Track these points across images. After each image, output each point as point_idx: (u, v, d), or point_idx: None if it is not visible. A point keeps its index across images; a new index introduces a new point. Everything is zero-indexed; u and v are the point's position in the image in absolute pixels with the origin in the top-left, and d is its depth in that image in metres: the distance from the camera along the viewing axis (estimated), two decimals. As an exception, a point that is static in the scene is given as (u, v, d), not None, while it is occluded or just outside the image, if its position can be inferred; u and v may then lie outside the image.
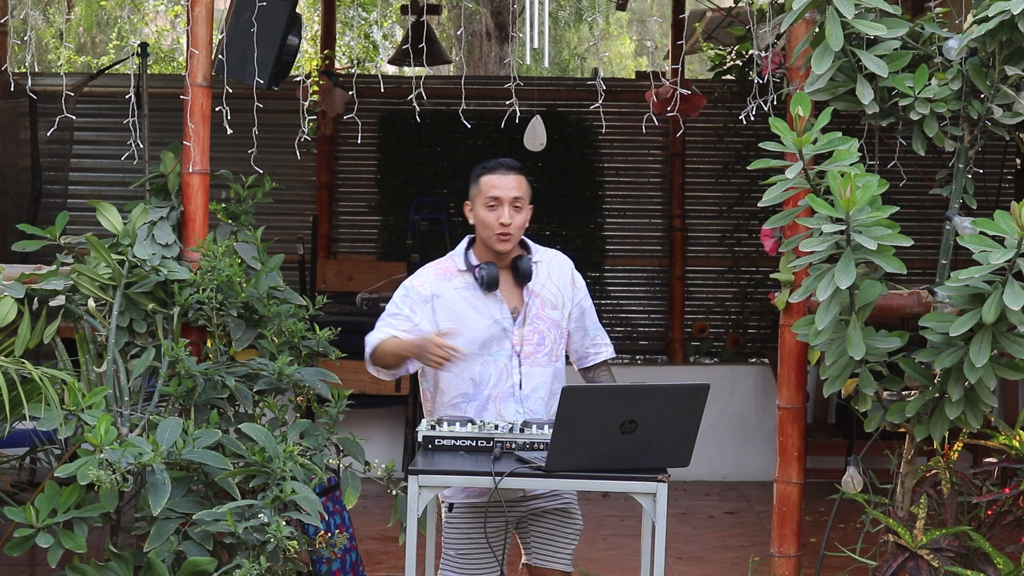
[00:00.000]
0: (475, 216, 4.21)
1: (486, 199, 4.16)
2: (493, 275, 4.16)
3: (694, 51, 10.35)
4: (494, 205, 4.15)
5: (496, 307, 4.18)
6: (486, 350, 4.15)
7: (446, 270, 4.23)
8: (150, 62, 7.35)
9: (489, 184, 4.16)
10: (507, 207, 4.14)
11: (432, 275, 4.23)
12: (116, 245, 4.57)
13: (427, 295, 4.18)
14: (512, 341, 4.17)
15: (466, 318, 4.16)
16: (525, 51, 5.01)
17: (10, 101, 7.44)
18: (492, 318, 4.17)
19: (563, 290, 4.28)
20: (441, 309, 4.17)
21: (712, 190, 9.87)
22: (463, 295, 4.18)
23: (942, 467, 4.52)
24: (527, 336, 4.19)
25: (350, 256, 9.80)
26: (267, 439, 4.15)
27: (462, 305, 4.17)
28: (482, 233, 4.19)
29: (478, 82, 11.00)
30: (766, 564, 4.90)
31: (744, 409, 8.77)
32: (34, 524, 4.06)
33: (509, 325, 4.17)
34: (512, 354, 4.17)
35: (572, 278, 4.33)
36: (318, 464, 4.34)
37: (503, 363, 4.16)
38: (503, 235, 4.14)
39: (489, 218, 4.15)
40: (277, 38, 5.13)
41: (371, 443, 5.67)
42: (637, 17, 19.76)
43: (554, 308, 4.25)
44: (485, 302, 4.18)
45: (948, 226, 4.44)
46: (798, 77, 4.59)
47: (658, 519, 3.74)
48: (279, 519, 4.03)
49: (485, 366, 4.15)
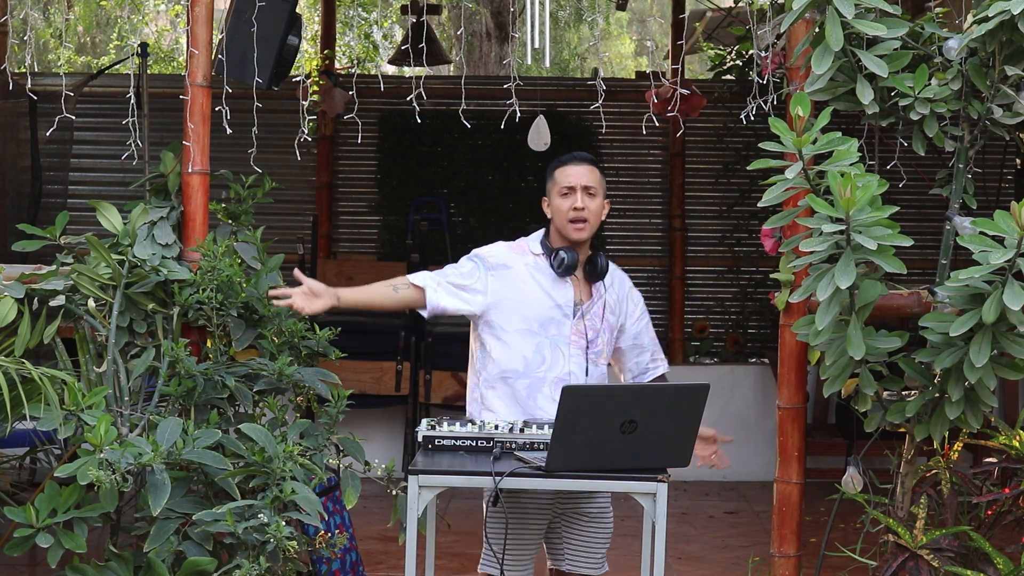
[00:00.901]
0: (551, 207, 4.31)
1: (560, 189, 4.27)
2: (574, 259, 4.25)
3: (694, 51, 10.35)
4: (567, 193, 4.26)
5: (563, 292, 4.25)
6: (544, 331, 4.21)
7: (520, 247, 4.33)
8: (150, 62, 7.35)
9: (563, 175, 4.29)
10: (580, 193, 4.24)
11: (505, 248, 4.33)
12: (116, 245, 4.57)
13: (494, 263, 4.26)
14: (572, 330, 4.23)
15: (530, 294, 4.23)
16: (525, 51, 5.01)
17: (10, 101, 7.44)
18: (555, 302, 4.24)
19: (620, 301, 4.38)
20: (509, 279, 4.24)
21: (712, 190, 9.87)
22: (533, 273, 4.26)
23: (942, 467, 4.52)
24: (584, 330, 4.25)
25: (350, 256, 9.80)
26: (267, 439, 4.14)
27: (529, 281, 4.25)
28: (558, 222, 4.28)
29: (478, 82, 11.00)
30: (766, 564, 4.90)
31: (744, 409, 8.77)
32: (34, 524, 4.05)
33: (570, 312, 4.24)
34: (569, 342, 4.23)
35: (629, 293, 4.43)
36: (318, 464, 4.34)
37: (561, 349, 4.22)
38: (577, 220, 4.23)
39: (563, 205, 4.25)
40: (277, 38, 5.13)
41: (371, 443, 5.66)
42: (637, 17, 19.76)
43: (612, 313, 4.34)
44: (553, 285, 4.26)
45: (948, 226, 4.44)
46: (798, 77, 4.58)
47: (658, 519, 3.75)
48: (279, 519, 4.02)
49: (540, 347, 4.21)
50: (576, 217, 4.23)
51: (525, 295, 4.22)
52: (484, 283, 4.24)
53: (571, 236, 4.25)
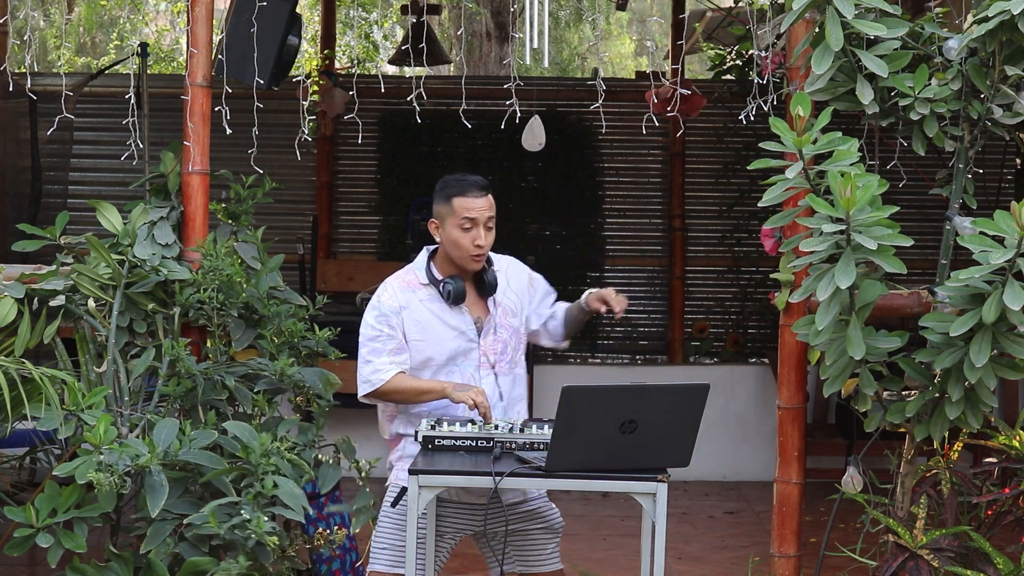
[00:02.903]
0: (445, 236, 4.15)
1: (460, 220, 4.11)
2: (460, 290, 4.14)
3: (694, 51, 10.35)
4: (469, 227, 4.11)
5: (461, 319, 4.17)
6: (452, 363, 4.16)
7: (408, 283, 4.20)
8: (150, 62, 7.35)
9: (463, 206, 4.11)
10: (482, 228, 4.11)
11: (396, 287, 4.19)
12: (116, 245, 4.57)
13: (396, 307, 4.14)
14: (480, 351, 4.18)
15: (433, 330, 4.15)
16: (525, 51, 5.01)
17: (10, 101, 7.44)
18: (458, 330, 4.17)
19: (520, 296, 4.30)
20: (409, 320, 4.14)
21: (712, 190, 9.86)
22: (429, 307, 4.17)
23: (942, 467, 4.52)
24: (492, 346, 4.20)
25: (350, 256, 9.79)
26: (250, 435, 4.13)
27: (429, 317, 4.15)
28: (453, 253, 4.15)
29: (478, 82, 11.00)
30: (766, 564, 4.90)
31: (744, 409, 8.77)
32: (34, 524, 4.06)
33: (474, 337, 4.18)
34: (479, 364, 4.18)
35: (529, 278, 4.35)
36: (307, 460, 4.33)
37: (469, 373, 4.17)
38: (478, 256, 4.13)
39: (464, 240, 4.11)
40: (277, 38, 5.13)
41: (370, 443, 5.66)
42: (637, 17, 19.75)
43: (514, 316, 4.26)
44: (451, 314, 4.16)
45: (948, 226, 4.44)
46: (798, 77, 4.59)
47: (658, 519, 3.74)
48: (260, 514, 4.00)
49: (450, 376, 4.15)
50: (479, 254, 4.13)
51: (427, 332, 4.14)
52: (400, 332, 4.13)
53: (470, 268, 4.16)
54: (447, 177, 4.21)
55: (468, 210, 4.10)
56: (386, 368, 4.10)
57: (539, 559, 4.24)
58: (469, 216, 4.10)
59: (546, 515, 4.25)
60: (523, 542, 4.23)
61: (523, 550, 4.23)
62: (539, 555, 4.24)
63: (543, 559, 4.25)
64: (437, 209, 4.17)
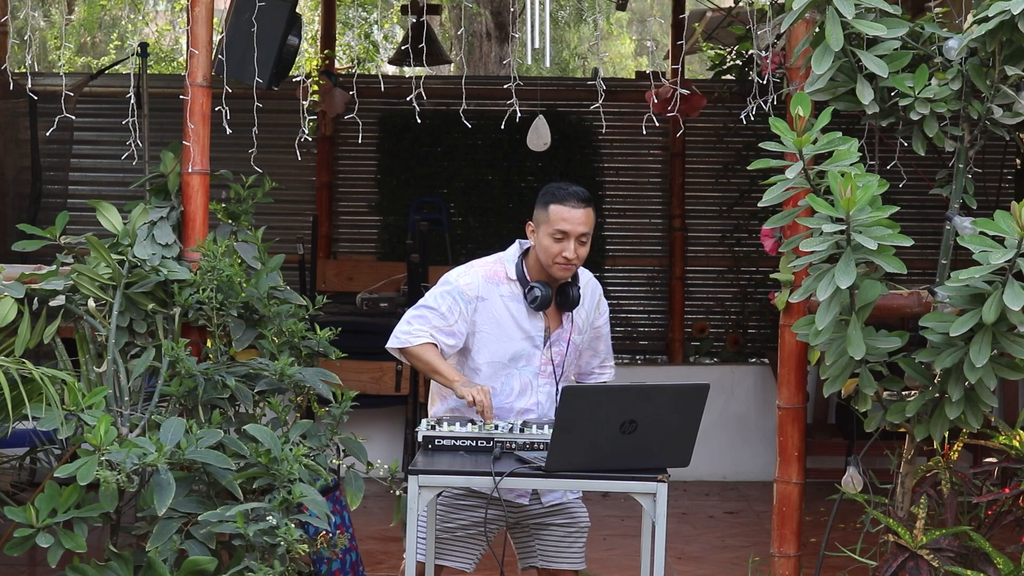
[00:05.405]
0: (538, 241, 4.15)
1: (553, 230, 4.10)
2: (547, 299, 4.15)
3: (694, 51, 10.35)
4: (560, 238, 4.10)
5: (534, 325, 4.19)
6: (514, 364, 4.18)
7: (495, 274, 4.20)
8: (150, 62, 7.35)
9: (559, 216, 4.09)
10: (573, 242, 4.09)
11: (481, 277, 4.19)
12: (116, 245, 4.57)
13: (472, 296, 4.16)
14: (541, 360, 4.20)
15: (505, 328, 4.17)
16: (525, 51, 5.01)
17: (10, 101, 7.44)
18: (527, 334, 4.18)
19: (589, 315, 4.32)
20: (484, 312, 4.16)
21: (712, 190, 9.86)
22: (507, 305, 4.18)
23: (942, 467, 4.52)
24: (555, 356, 4.22)
25: (350, 256, 9.80)
26: (272, 440, 4.14)
27: (505, 315, 4.17)
28: (544, 259, 4.14)
29: (478, 82, 11.00)
30: (766, 564, 4.90)
31: (744, 409, 8.77)
32: (34, 524, 4.06)
33: (540, 344, 4.20)
34: (539, 371, 4.20)
35: (599, 304, 4.37)
36: (321, 464, 4.34)
37: (528, 379, 4.19)
38: (567, 267, 4.12)
39: (554, 248, 4.10)
40: (277, 38, 5.13)
41: (371, 443, 5.64)
42: (637, 17, 19.75)
43: (579, 334, 4.28)
44: (527, 318, 4.18)
45: (948, 226, 4.44)
46: (798, 77, 4.59)
47: (658, 519, 3.75)
48: (288, 522, 4.02)
49: (509, 378, 4.18)
50: (566, 265, 4.12)
51: (499, 329, 4.16)
52: (466, 318, 4.14)
53: (556, 275, 4.15)
54: (552, 183, 4.21)
55: (563, 220, 4.08)
56: (421, 336, 4.10)
57: (562, 556, 4.26)
58: (562, 229, 4.08)
59: (575, 513, 4.27)
60: (548, 537, 4.24)
61: (546, 544, 4.25)
62: (563, 552, 4.26)
63: (568, 556, 4.26)
64: (536, 213, 4.17)
